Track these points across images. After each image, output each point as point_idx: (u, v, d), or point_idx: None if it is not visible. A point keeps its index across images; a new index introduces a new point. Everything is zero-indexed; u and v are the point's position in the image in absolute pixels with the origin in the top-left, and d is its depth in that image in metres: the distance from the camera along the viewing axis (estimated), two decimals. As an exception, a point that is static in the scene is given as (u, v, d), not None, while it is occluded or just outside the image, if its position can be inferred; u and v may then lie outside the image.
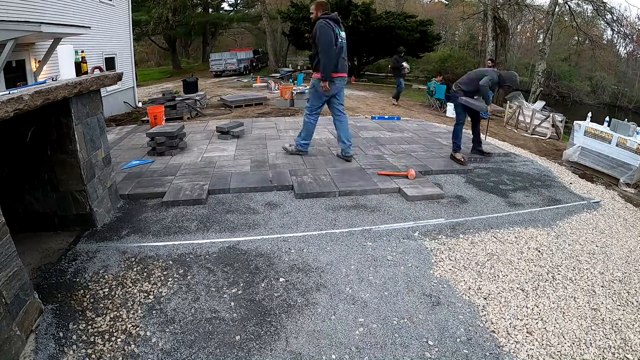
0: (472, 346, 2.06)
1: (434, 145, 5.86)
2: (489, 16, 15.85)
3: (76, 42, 6.97)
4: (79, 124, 2.90)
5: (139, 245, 2.92)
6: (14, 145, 2.81)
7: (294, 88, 10.05)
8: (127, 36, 11.13)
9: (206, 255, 2.80)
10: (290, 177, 4.22)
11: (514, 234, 3.31)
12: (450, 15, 33.95)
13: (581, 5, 17.31)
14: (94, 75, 3.29)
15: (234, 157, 4.98)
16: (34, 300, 2.11)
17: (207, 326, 2.14)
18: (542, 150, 7.15)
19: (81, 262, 2.68)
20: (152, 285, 2.46)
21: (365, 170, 4.48)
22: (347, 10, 18.97)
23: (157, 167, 4.59)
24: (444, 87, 11.36)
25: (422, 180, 4.25)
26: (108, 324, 2.13)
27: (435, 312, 2.30)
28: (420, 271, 2.69)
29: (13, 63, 6.22)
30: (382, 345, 2.04)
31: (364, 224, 3.31)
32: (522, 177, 4.75)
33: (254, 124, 7.15)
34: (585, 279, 2.73)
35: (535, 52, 21.05)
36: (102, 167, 3.28)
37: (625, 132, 5.16)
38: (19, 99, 2.02)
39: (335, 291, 2.45)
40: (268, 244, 2.97)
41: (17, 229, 2.67)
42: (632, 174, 4.85)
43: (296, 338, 2.08)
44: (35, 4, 6.58)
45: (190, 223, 3.27)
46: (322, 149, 5.39)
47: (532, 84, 14.26)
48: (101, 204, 3.22)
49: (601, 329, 2.24)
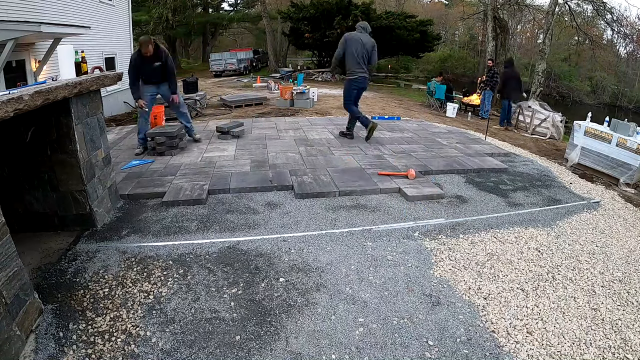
0: (472, 346, 2.06)
1: (434, 145, 5.86)
2: (489, 16, 15.83)
3: (76, 42, 6.97)
4: (79, 124, 2.90)
5: (139, 245, 2.92)
6: (14, 145, 2.81)
7: (294, 88, 10.04)
8: (127, 36, 11.14)
9: (206, 255, 2.80)
10: (290, 177, 4.22)
11: (514, 234, 3.31)
12: (450, 15, 33.96)
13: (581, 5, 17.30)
14: (94, 75, 3.29)
15: (234, 157, 4.98)
16: (34, 300, 2.11)
17: (207, 326, 2.14)
18: (542, 150, 7.14)
19: (81, 262, 2.68)
20: (152, 285, 2.46)
21: (365, 170, 4.48)
22: (347, 10, 19.01)
23: (157, 167, 4.59)
24: (444, 87, 11.36)
25: (422, 180, 4.25)
26: (108, 324, 2.13)
27: (435, 312, 2.30)
28: (420, 271, 2.69)
29: (13, 63, 6.22)
30: (382, 345, 2.04)
31: (364, 224, 3.31)
32: (522, 177, 4.75)
33: (254, 124, 7.14)
34: (585, 279, 2.73)
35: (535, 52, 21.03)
36: (102, 167, 3.28)
37: (625, 132, 5.16)
38: (19, 99, 2.02)
39: (335, 291, 2.45)
40: (268, 244, 2.97)
41: (17, 229, 2.67)
42: (632, 174, 4.86)
43: (296, 338, 2.08)
44: (35, 4, 6.58)
45: (190, 223, 3.27)
46: (322, 149, 5.39)
47: (532, 84, 14.24)
48: (101, 204, 3.22)
49: (601, 329, 2.24)
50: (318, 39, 20.27)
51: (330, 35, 18.97)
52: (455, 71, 30.07)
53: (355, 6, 19.39)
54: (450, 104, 10.58)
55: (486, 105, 10.37)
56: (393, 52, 22.51)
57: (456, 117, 10.16)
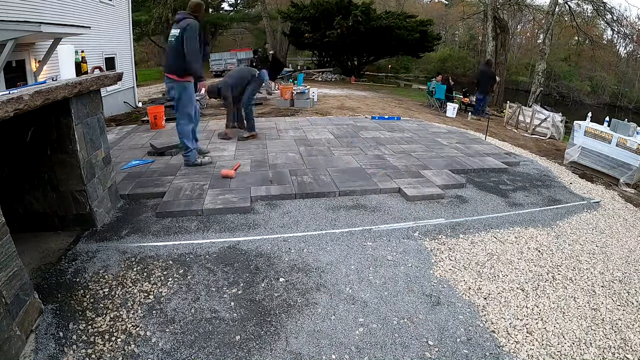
0: (472, 346, 2.06)
1: (434, 145, 5.86)
2: (489, 16, 15.83)
3: (76, 42, 6.96)
4: (79, 124, 2.90)
5: (139, 245, 2.92)
6: (14, 145, 2.81)
7: (294, 88, 10.04)
8: (127, 36, 11.12)
9: (206, 255, 2.80)
10: (290, 177, 4.22)
11: (514, 234, 3.31)
12: (450, 15, 33.93)
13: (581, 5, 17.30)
14: (94, 75, 3.29)
15: (234, 157, 4.97)
16: (34, 300, 2.11)
17: (207, 326, 2.14)
18: (542, 150, 7.14)
19: (81, 262, 2.68)
20: (152, 285, 2.46)
21: (365, 170, 4.48)
22: (347, 10, 19.00)
23: (157, 167, 4.59)
24: (444, 87, 11.35)
25: (422, 180, 4.25)
26: (108, 324, 2.13)
27: (435, 312, 2.30)
28: (420, 271, 2.69)
29: (13, 63, 6.21)
30: (382, 345, 2.04)
31: (364, 224, 3.31)
32: (522, 177, 4.75)
33: (254, 124, 7.13)
34: (585, 279, 2.73)
35: (535, 52, 21.05)
36: (102, 167, 3.27)
37: (625, 132, 5.16)
38: (19, 99, 2.02)
39: (335, 291, 2.45)
40: (268, 244, 2.97)
41: (17, 229, 2.67)
42: (632, 174, 4.86)
43: (296, 338, 2.07)
44: (35, 4, 6.57)
45: (190, 223, 3.27)
46: (322, 149, 5.39)
47: (532, 84, 14.24)
48: (101, 204, 3.22)
49: (601, 329, 2.24)
50: (318, 39, 20.27)
51: (330, 35, 18.98)
52: (455, 71, 30.03)
53: (355, 6, 19.37)
54: (450, 104, 10.58)
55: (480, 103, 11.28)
56: (393, 52, 22.51)
57: (456, 117, 10.16)
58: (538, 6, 20.57)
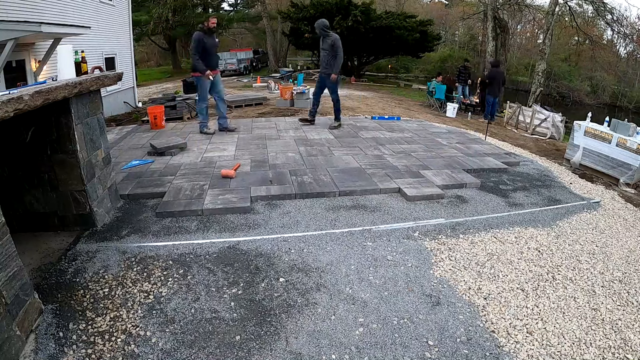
0: (472, 346, 2.06)
1: (434, 145, 5.86)
2: (489, 16, 15.84)
3: (76, 42, 6.95)
4: (79, 124, 2.90)
5: (139, 245, 2.92)
6: (14, 145, 2.81)
7: (294, 88, 10.04)
8: (127, 36, 11.12)
9: (206, 255, 2.80)
10: (290, 177, 4.22)
11: (514, 234, 3.31)
12: (450, 15, 33.92)
13: (581, 5, 17.33)
14: (94, 75, 3.29)
15: (234, 157, 4.97)
16: (34, 300, 2.11)
17: (207, 326, 2.14)
18: (542, 150, 7.15)
19: (81, 262, 2.68)
20: (152, 285, 2.46)
21: (365, 170, 4.48)
22: (347, 10, 18.99)
23: (157, 167, 4.59)
24: (444, 87, 11.36)
25: (422, 180, 4.25)
26: (108, 324, 2.13)
27: (435, 312, 2.30)
28: (420, 271, 2.69)
29: (13, 63, 6.21)
30: (382, 345, 2.04)
31: (364, 224, 3.31)
32: (522, 177, 4.75)
33: (254, 124, 7.14)
34: (585, 279, 2.73)
35: (535, 52, 21.03)
36: (102, 167, 3.28)
37: (625, 132, 5.16)
38: (19, 99, 2.02)
39: (335, 291, 2.45)
40: (268, 244, 2.97)
41: (17, 229, 2.67)
42: (632, 174, 4.85)
43: (296, 338, 2.08)
44: (35, 4, 6.57)
45: (190, 223, 3.27)
46: (322, 149, 5.39)
47: (532, 84, 14.25)
48: (101, 204, 3.22)
49: (601, 329, 2.24)
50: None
51: (330, 35, 18.92)
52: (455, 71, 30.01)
53: (355, 6, 19.36)
54: (450, 104, 10.59)
55: (467, 97, 11.49)
56: (393, 52, 22.47)
57: (456, 117, 10.16)
58: (538, 6, 20.58)
